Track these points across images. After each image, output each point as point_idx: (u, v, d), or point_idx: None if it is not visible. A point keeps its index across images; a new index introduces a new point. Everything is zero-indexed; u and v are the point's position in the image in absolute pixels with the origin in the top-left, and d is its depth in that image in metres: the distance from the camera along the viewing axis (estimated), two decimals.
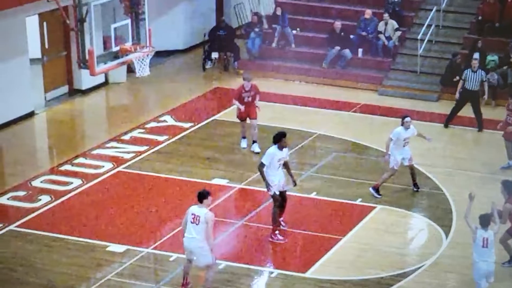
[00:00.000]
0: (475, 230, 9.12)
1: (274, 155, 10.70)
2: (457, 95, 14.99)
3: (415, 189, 12.31)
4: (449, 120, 15.20)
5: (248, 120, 13.76)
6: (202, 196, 9.25)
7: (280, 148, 10.77)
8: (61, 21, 15.11)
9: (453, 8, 18.60)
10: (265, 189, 10.91)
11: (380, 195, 12.09)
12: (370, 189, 12.16)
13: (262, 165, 10.72)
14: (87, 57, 11.71)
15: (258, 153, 13.44)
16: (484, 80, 14.93)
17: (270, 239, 10.89)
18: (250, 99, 13.59)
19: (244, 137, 13.96)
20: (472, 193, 9.23)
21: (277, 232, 10.90)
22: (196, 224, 9.16)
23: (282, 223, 11.16)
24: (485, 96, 14.99)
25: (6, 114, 14.86)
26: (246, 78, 13.66)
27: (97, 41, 11.87)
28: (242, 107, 13.57)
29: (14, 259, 10.40)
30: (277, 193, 10.83)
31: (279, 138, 10.77)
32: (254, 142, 13.76)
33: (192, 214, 9.22)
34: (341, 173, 13.01)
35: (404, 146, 12.02)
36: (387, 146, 12.03)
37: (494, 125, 13.75)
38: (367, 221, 11.49)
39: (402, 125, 12.05)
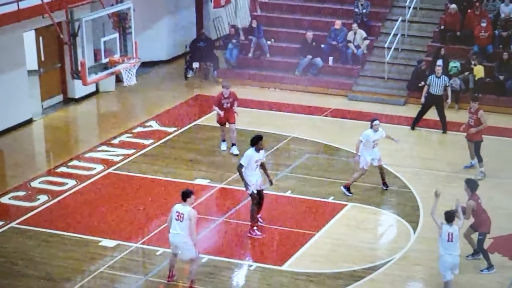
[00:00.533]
0: (441, 226, 9.28)
1: (251, 157, 11.01)
2: (422, 99, 15.28)
3: (384, 188, 12.57)
4: (415, 122, 15.51)
5: (227, 125, 14.07)
6: (185, 195, 9.55)
7: (257, 150, 11.08)
8: (55, 36, 15.36)
9: (417, 18, 18.96)
10: (244, 188, 11.19)
11: (351, 193, 12.35)
12: (342, 188, 12.42)
13: (240, 166, 11.04)
14: (79, 68, 11.84)
15: (237, 155, 13.74)
16: (447, 85, 15.26)
17: (249, 235, 11.17)
18: (229, 105, 13.89)
19: (223, 140, 14.27)
20: (438, 191, 9.46)
21: (255, 228, 11.20)
22: (180, 221, 9.46)
23: (260, 219, 11.46)
24: (449, 100, 15.31)
25: (7, 121, 15.15)
26: (225, 86, 13.95)
27: (88, 53, 12.03)
28: (222, 113, 13.87)
29: (15, 253, 10.67)
30: (255, 191, 11.15)
31: (256, 141, 11.09)
32: (233, 145, 14.08)
33: (177, 212, 9.52)
34: (314, 173, 13.27)
35: (373, 147, 12.27)
36: (357, 148, 12.27)
37: (458, 127, 13.87)
38: (339, 218, 11.70)
39: (371, 127, 12.27)
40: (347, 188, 12.36)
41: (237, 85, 17.59)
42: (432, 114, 15.38)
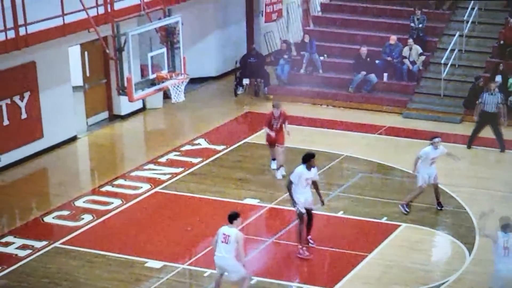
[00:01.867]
0: (496, 235, 8.85)
1: (301, 174, 10.82)
2: (475, 117, 14.93)
3: (438, 208, 12.26)
4: (471, 141, 15.10)
5: (277, 146, 13.77)
6: (232, 218, 9.41)
7: (308, 168, 10.87)
8: (101, 51, 15.45)
9: (475, 33, 18.51)
10: (292, 207, 10.97)
11: (407, 211, 12.08)
12: (400, 206, 12.18)
13: (290, 182, 10.85)
14: (125, 84, 11.79)
15: (284, 176, 13.43)
16: (501, 102, 14.79)
17: (298, 255, 10.92)
18: (278, 125, 13.59)
19: (273, 159, 14.00)
20: (490, 209, 9.11)
21: (304, 248, 10.96)
22: (226, 244, 9.29)
23: (310, 240, 11.20)
24: (502, 118, 14.81)
25: (51, 138, 15.17)
26: (276, 105, 13.69)
27: (135, 69, 11.96)
28: (273, 133, 13.58)
29: (59, 274, 10.58)
30: (303, 211, 10.90)
31: (308, 159, 10.89)
32: (279, 167, 13.75)
33: (223, 234, 9.35)
34: (367, 192, 13.00)
35: (431, 165, 12.01)
36: (415, 164, 12.04)
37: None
38: (392, 239, 11.44)
39: (431, 144, 12.06)
40: (406, 205, 12.13)
41: (289, 102, 17.42)
42: (489, 132, 14.94)
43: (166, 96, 16.30)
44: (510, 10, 18.29)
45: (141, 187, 13.44)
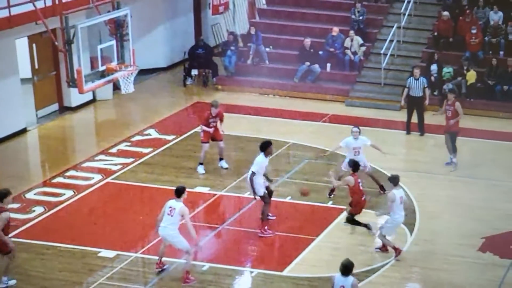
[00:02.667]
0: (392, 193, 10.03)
1: (262, 163, 10.90)
2: (402, 102, 15.20)
3: (381, 192, 12.38)
4: (408, 127, 15.31)
5: (210, 145, 13.42)
6: (179, 192, 9.76)
7: (266, 155, 10.98)
8: (50, 43, 15.00)
9: (412, 25, 18.85)
10: (248, 195, 11.05)
11: (331, 196, 12.22)
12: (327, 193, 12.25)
13: (253, 173, 10.87)
14: (75, 76, 11.57)
15: (226, 168, 13.36)
16: (425, 86, 15.10)
17: (261, 235, 10.97)
18: (215, 123, 13.30)
19: (201, 164, 13.37)
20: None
21: (266, 227, 11.06)
22: (171, 216, 9.66)
23: (269, 214, 11.33)
24: (427, 101, 15.11)
25: (0, 131, 14.67)
26: (214, 105, 13.29)
27: (85, 61, 11.79)
28: (211, 130, 13.23)
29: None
30: (266, 191, 11.03)
31: (266, 147, 10.94)
32: (221, 159, 13.55)
33: (170, 207, 9.70)
34: (313, 178, 13.07)
35: (354, 154, 12.02)
36: (333, 149, 12.45)
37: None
38: (338, 222, 11.52)
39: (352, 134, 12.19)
40: (331, 191, 12.23)
41: (236, 92, 17.36)
42: (428, 119, 15.12)
43: (116, 87, 16.06)
44: (443, 4, 18.70)
45: (93, 178, 13.18)
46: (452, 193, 11.52)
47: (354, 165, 10.81)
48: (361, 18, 18.66)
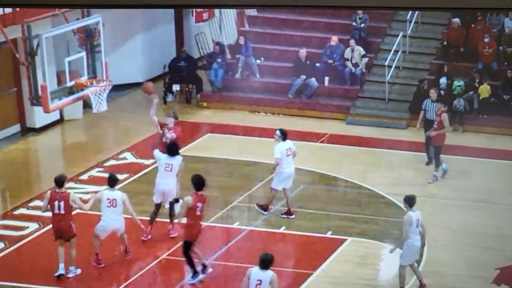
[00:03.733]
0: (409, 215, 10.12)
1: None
2: (417, 125, 15.18)
3: (284, 216, 12.49)
4: (428, 154, 14.78)
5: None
6: (114, 181, 10.69)
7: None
8: (10, 55, 14.94)
9: (419, 34, 18.97)
10: (231, 225, 10.96)
11: (264, 213, 12.49)
12: (256, 206, 12.60)
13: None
14: (40, 93, 11.60)
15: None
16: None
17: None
18: (167, 140, 12.62)
19: (177, 200, 12.30)
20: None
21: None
22: (114, 207, 10.48)
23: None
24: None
25: None
26: (171, 114, 12.96)
27: (50, 75, 11.80)
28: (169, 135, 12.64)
29: None
30: None
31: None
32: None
33: (108, 199, 10.45)
34: (310, 205, 13.10)
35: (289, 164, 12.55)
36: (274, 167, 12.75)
37: (462, 151, 14.12)
38: (338, 254, 11.57)
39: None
40: (261, 206, 12.53)
41: (224, 109, 17.40)
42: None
43: (87, 105, 16.11)
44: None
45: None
46: (462, 220, 11.59)
47: (197, 183, 10.58)
48: (362, 25, 18.79)
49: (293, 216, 12.57)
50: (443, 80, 17.05)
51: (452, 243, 11.95)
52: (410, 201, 10.37)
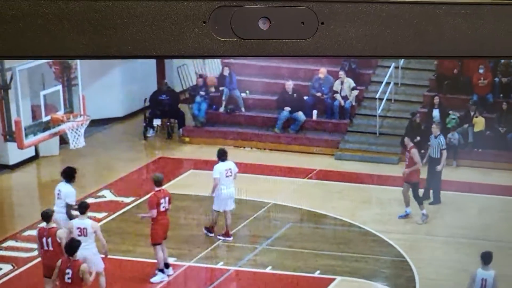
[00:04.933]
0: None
1: None
2: (420, 163, 14.93)
3: (221, 238, 12.96)
4: (427, 192, 14.98)
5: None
6: (85, 208, 10.84)
7: None
8: None
9: (411, 65, 19.19)
10: (215, 265, 11.03)
11: (210, 235, 12.95)
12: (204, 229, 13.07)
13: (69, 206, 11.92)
14: (13, 128, 11.68)
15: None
16: (443, 148, 15.24)
17: None
18: (167, 206, 12.40)
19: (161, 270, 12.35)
20: None
21: None
22: (85, 236, 10.49)
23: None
24: (439, 167, 15.06)
25: None
26: (157, 183, 12.48)
27: (25, 110, 11.89)
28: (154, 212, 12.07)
29: None
30: None
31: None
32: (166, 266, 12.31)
33: (78, 228, 10.59)
34: (298, 244, 13.19)
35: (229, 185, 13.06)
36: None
37: (455, 186, 14.31)
38: None
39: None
40: (208, 229, 13.04)
41: (207, 145, 17.53)
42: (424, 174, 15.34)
43: (63, 141, 16.12)
44: None
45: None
46: (456, 257, 11.78)
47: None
48: None
49: (230, 238, 12.94)
50: (435, 113, 17.23)
51: (448, 282, 12.05)
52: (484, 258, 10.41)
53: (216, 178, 12.96)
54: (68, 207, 11.66)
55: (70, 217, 11.44)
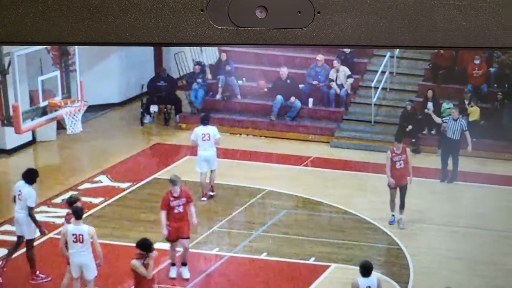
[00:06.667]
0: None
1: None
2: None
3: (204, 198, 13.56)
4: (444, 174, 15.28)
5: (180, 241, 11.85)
6: (80, 213, 10.43)
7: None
8: None
9: (407, 54, 19.18)
10: (210, 251, 11.02)
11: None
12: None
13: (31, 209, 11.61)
14: (11, 113, 11.67)
15: (187, 279, 11.95)
16: (465, 129, 15.55)
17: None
18: (181, 209, 11.74)
19: (173, 264, 12.00)
20: None
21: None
22: (81, 242, 10.15)
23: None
24: (469, 148, 15.50)
25: None
26: (174, 181, 11.86)
27: (23, 95, 11.87)
28: (164, 224, 11.60)
29: None
30: None
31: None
32: (183, 264, 11.97)
33: (73, 234, 10.18)
34: (293, 231, 13.22)
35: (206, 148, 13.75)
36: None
37: (451, 175, 14.31)
38: (321, 281, 11.69)
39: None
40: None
41: None
42: (423, 162, 15.45)
43: (61, 126, 16.14)
44: None
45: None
46: (451, 246, 11.84)
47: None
48: None
49: (213, 193, 13.93)
50: (429, 105, 17.29)
51: (441, 270, 12.10)
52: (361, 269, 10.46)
53: (192, 140, 13.74)
54: (30, 209, 11.55)
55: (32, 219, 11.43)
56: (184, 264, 11.97)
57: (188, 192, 12.27)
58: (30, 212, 11.15)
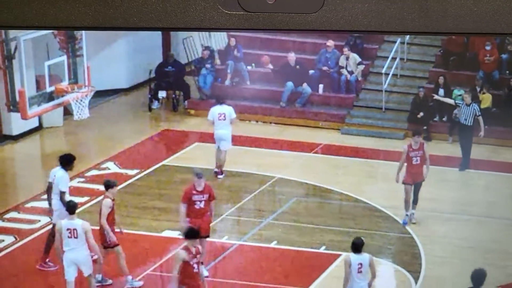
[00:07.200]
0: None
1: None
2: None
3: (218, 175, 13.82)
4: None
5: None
6: (74, 208, 10.33)
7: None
8: None
9: (417, 41, 19.05)
10: (219, 240, 10.96)
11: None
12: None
13: (63, 193, 11.42)
14: (17, 98, 11.60)
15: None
16: (478, 114, 15.45)
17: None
18: (202, 205, 11.38)
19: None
20: None
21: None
22: (75, 238, 10.03)
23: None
24: (481, 133, 15.41)
25: None
26: (198, 174, 11.56)
27: (29, 80, 11.79)
28: (183, 217, 11.17)
29: None
30: None
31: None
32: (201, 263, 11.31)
33: (67, 229, 10.03)
34: (303, 219, 13.15)
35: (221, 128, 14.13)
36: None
37: (455, 162, 14.28)
38: (332, 270, 11.64)
39: None
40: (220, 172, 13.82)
41: None
42: (431, 149, 15.33)
43: (68, 112, 16.06)
44: None
45: (39, 221, 13.10)
46: (463, 235, 11.82)
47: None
48: None
49: (222, 175, 14.18)
50: (441, 92, 17.20)
51: (453, 259, 12.04)
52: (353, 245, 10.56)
53: (209, 120, 14.17)
54: (61, 193, 11.42)
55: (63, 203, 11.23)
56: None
57: (212, 189, 11.88)
58: (62, 196, 11.08)
